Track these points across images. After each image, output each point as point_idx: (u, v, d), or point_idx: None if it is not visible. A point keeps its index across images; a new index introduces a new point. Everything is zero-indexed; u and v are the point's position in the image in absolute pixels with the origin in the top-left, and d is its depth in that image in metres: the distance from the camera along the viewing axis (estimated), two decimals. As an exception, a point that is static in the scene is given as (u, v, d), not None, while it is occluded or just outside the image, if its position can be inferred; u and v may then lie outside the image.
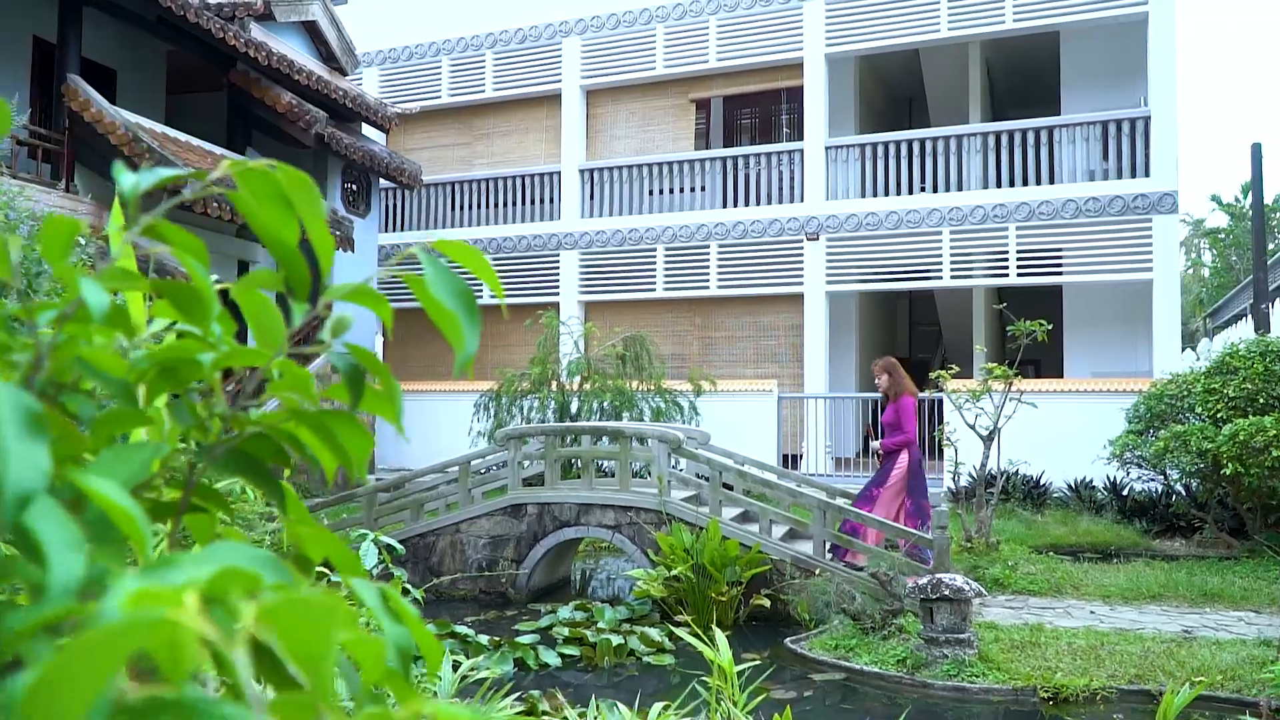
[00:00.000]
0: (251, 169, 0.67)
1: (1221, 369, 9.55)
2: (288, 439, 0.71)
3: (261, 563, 0.59)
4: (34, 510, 0.47)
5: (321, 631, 0.39)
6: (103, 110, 11.13)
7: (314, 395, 0.70)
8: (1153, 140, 12.86)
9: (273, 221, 0.67)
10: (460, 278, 0.70)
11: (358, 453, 0.71)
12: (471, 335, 0.68)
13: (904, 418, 8.19)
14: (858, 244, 14.19)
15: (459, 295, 0.66)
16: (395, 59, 17.33)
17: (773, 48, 14.87)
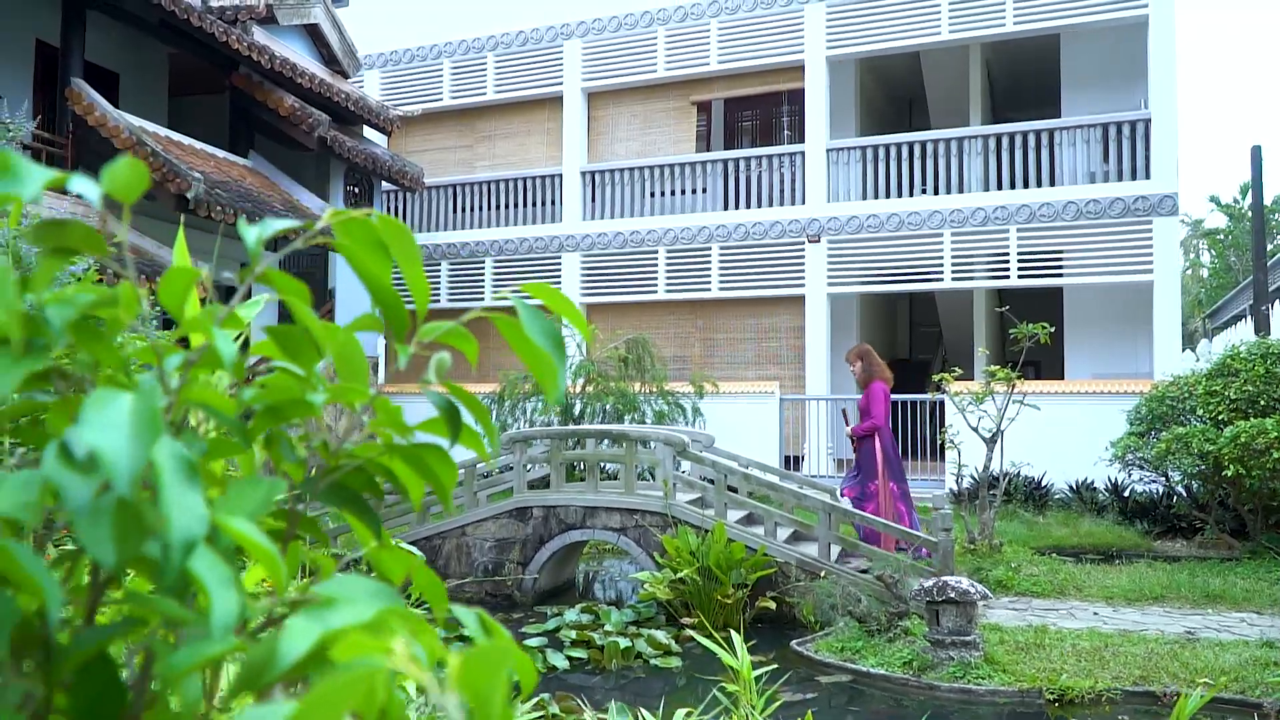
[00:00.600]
0: (352, 219, 0.71)
1: (1222, 371, 9.60)
2: (383, 471, 0.74)
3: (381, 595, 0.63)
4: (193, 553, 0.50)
5: (495, 675, 0.43)
6: (106, 114, 11.16)
7: (407, 430, 0.73)
8: (1153, 143, 12.91)
9: (372, 267, 0.71)
10: (552, 322, 0.73)
11: (448, 482, 0.75)
12: (562, 377, 0.71)
13: (873, 403, 8.46)
14: (859, 246, 14.24)
15: (551, 339, 0.70)
16: (396, 61, 17.36)
17: (774, 50, 14.91)
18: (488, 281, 16.40)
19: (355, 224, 0.71)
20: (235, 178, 12.71)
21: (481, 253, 16.43)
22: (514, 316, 0.77)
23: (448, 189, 16.92)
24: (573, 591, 9.37)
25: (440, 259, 16.73)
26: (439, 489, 0.74)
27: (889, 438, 8.64)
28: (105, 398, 0.48)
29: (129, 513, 0.50)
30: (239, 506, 0.62)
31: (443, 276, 16.71)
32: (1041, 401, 11.02)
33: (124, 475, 0.46)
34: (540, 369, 0.70)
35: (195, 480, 0.51)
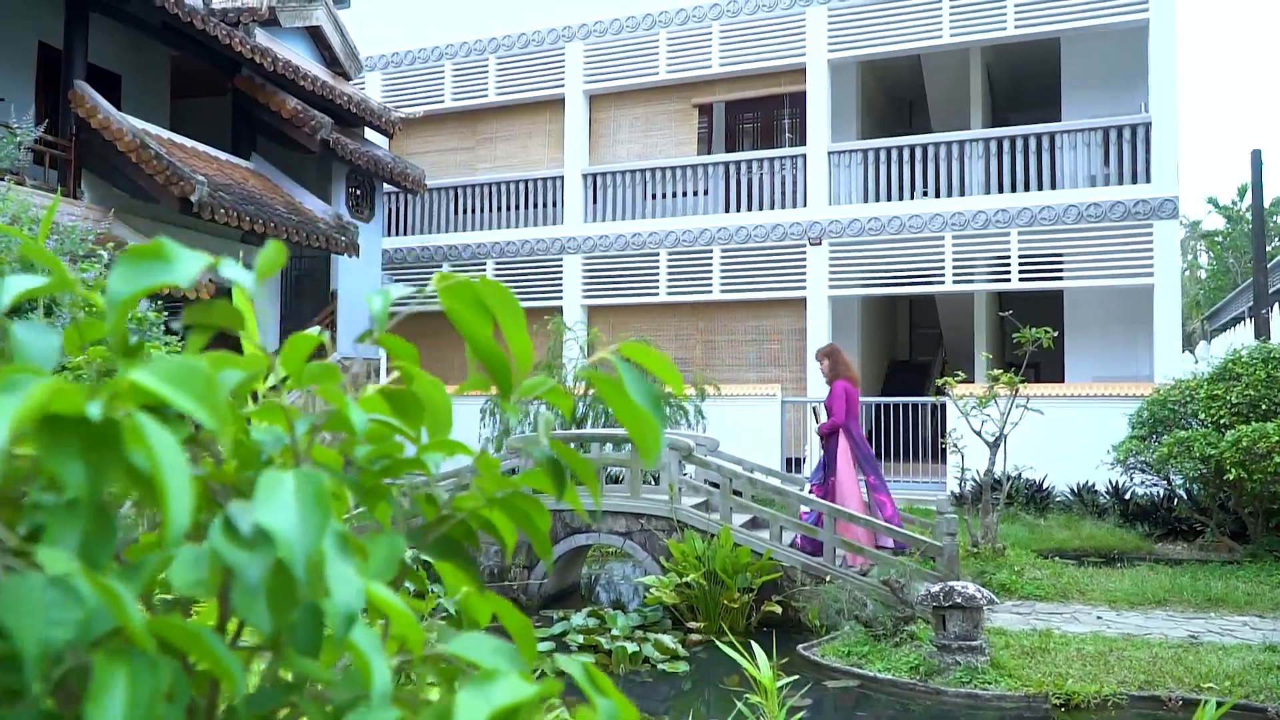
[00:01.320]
0: (457, 284, 0.73)
1: (1224, 375, 9.65)
2: (483, 523, 0.77)
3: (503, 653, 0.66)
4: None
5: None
6: (110, 117, 11.16)
7: (512, 483, 0.76)
8: (1154, 146, 12.96)
9: (475, 327, 0.73)
10: (652, 384, 0.75)
11: (543, 527, 0.78)
12: (661, 436, 0.74)
13: (834, 402, 8.72)
14: (860, 249, 14.27)
15: (651, 399, 0.72)
16: (398, 63, 17.37)
17: (775, 53, 14.94)
18: (489, 283, 16.39)
19: (459, 288, 0.73)
20: (238, 180, 12.71)
21: (483, 255, 16.45)
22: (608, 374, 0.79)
23: (449, 191, 16.94)
24: (577, 595, 9.40)
25: (441, 261, 16.75)
26: (538, 538, 0.77)
27: (857, 432, 8.93)
28: (274, 479, 0.50)
29: (286, 584, 0.52)
30: (372, 568, 0.65)
31: (444, 278, 16.70)
32: (1042, 404, 11.05)
33: (300, 556, 0.48)
34: (640, 430, 0.73)
35: (349, 552, 0.54)
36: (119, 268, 0.55)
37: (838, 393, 8.81)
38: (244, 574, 0.49)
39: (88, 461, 0.43)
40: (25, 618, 0.42)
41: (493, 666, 0.65)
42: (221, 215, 11.24)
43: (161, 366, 0.46)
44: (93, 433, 0.43)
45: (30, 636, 0.41)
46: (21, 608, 0.42)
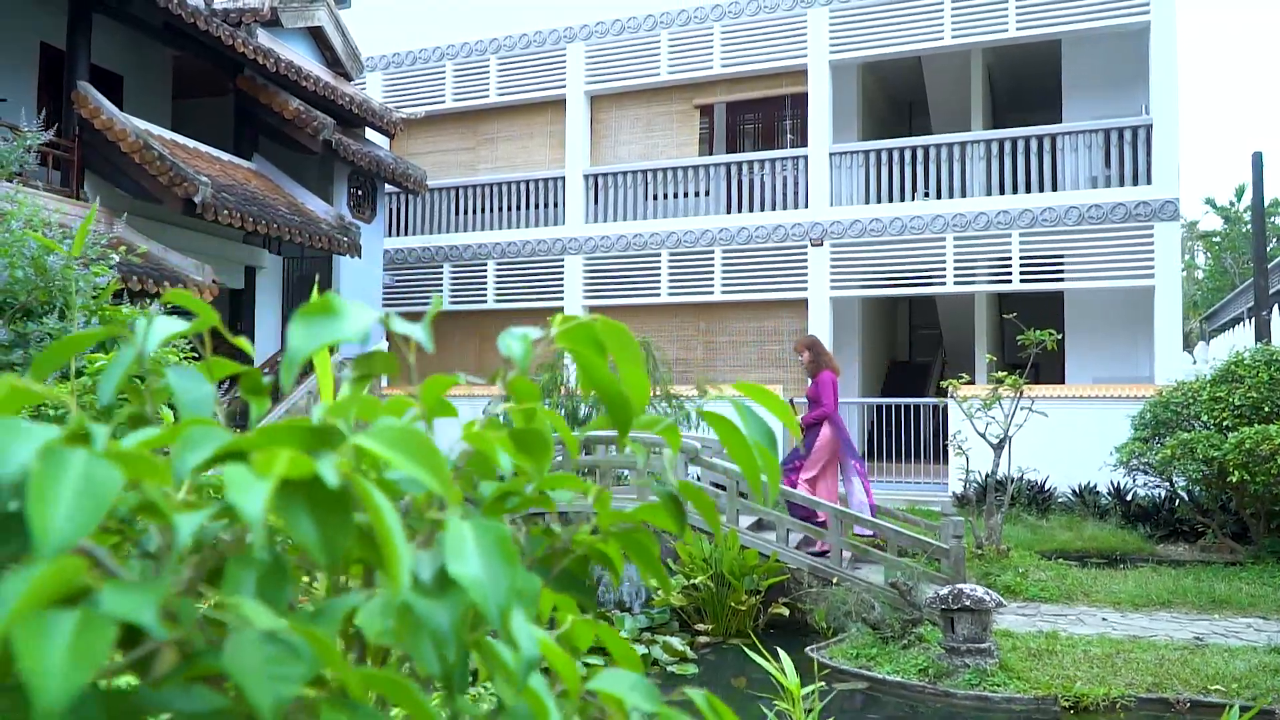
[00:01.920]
0: (577, 326, 0.75)
1: (1227, 377, 9.69)
2: (599, 556, 0.79)
3: (642, 689, 0.67)
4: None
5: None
6: (113, 118, 11.15)
7: (630, 517, 0.78)
8: (1154, 148, 13.01)
9: (594, 365, 0.75)
10: (766, 422, 0.77)
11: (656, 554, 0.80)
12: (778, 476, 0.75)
13: (823, 392, 8.84)
14: (862, 250, 14.30)
15: (766, 437, 0.74)
16: (399, 63, 17.37)
17: (777, 54, 14.96)
18: (490, 284, 16.42)
19: (578, 329, 0.75)
20: (240, 181, 12.71)
21: (484, 255, 16.45)
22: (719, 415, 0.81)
23: (450, 191, 16.94)
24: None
25: (442, 261, 16.75)
26: (654, 569, 0.79)
27: (841, 422, 9.09)
28: (459, 530, 0.52)
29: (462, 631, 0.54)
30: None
31: (445, 279, 16.73)
32: (1043, 405, 11.09)
33: (494, 607, 0.50)
34: (754, 470, 0.74)
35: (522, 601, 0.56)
36: (296, 326, 0.56)
37: (826, 382, 8.95)
38: (434, 622, 0.51)
39: (319, 523, 0.44)
40: (254, 673, 0.44)
41: (634, 703, 0.67)
42: (225, 216, 11.24)
43: (385, 433, 0.47)
44: (325, 496, 0.44)
45: (263, 692, 0.43)
46: (248, 663, 0.44)
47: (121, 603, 0.40)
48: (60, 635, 0.38)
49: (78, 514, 0.42)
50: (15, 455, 0.44)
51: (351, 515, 0.46)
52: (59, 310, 5.45)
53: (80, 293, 5.60)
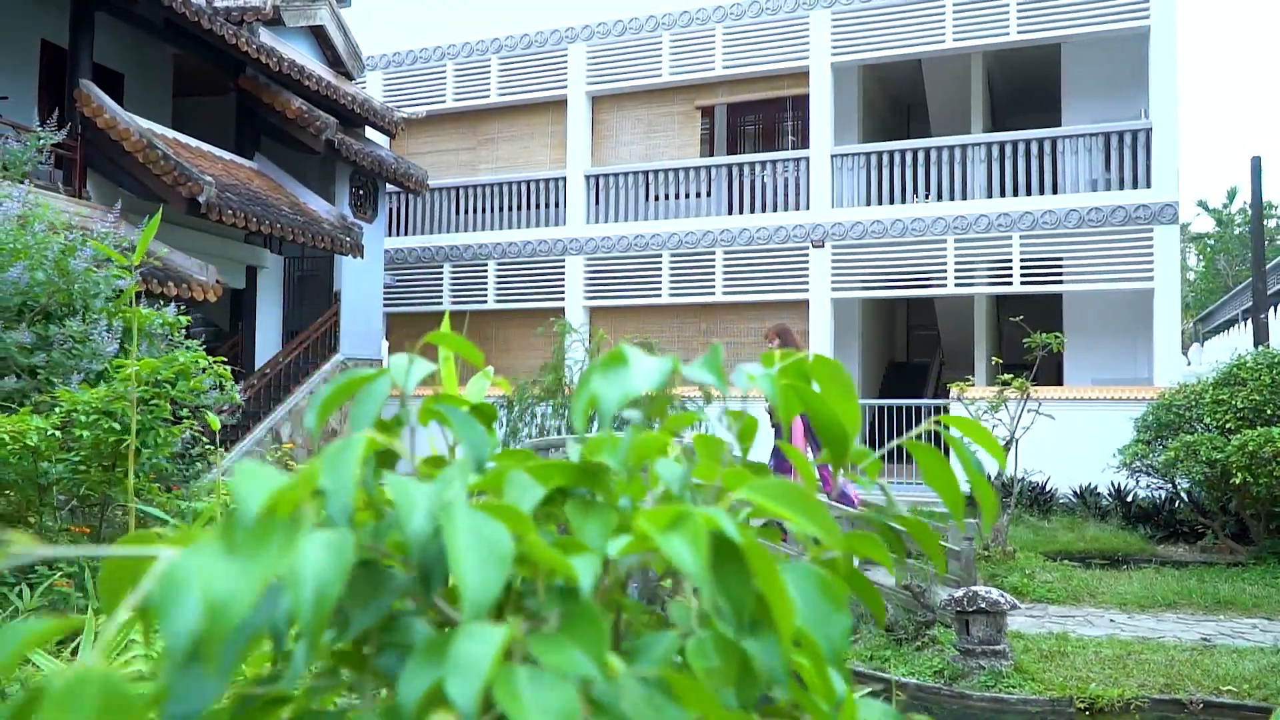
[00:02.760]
0: (792, 363, 0.77)
1: (1229, 380, 9.77)
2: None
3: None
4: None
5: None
6: (116, 116, 11.11)
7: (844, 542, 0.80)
8: (1154, 152, 13.09)
9: (811, 399, 0.77)
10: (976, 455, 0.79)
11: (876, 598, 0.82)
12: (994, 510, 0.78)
13: None
14: (863, 251, 14.35)
15: (979, 471, 0.76)
16: (399, 63, 17.34)
17: (778, 56, 14.99)
18: (491, 284, 16.42)
19: (793, 367, 0.77)
20: (243, 180, 12.68)
21: (484, 255, 16.45)
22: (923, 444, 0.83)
23: (450, 191, 16.93)
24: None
25: (443, 261, 16.73)
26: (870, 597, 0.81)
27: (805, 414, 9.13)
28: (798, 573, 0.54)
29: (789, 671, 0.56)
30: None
31: (445, 279, 16.72)
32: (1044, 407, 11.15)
33: (828, 648, 0.52)
34: (957, 501, 0.76)
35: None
36: (600, 379, 0.58)
37: None
38: (765, 660, 0.53)
39: (726, 578, 0.46)
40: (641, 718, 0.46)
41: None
42: (229, 216, 11.21)
43: (767, 487, 0.49)
44: (728, 550, 0.46)
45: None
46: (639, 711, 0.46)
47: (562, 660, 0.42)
48: (535, 690, 0.40)
49: (488, 572, 0.44)
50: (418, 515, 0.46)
51: (749, 569, 0.48)
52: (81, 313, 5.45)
53: (99, 295, 5.60)
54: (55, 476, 4.22)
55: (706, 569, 0.44)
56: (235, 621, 0.38)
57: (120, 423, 4.12)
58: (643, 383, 0.59)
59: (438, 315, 17.00)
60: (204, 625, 0.40)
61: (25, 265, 5.23)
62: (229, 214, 11.17)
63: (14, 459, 3.98)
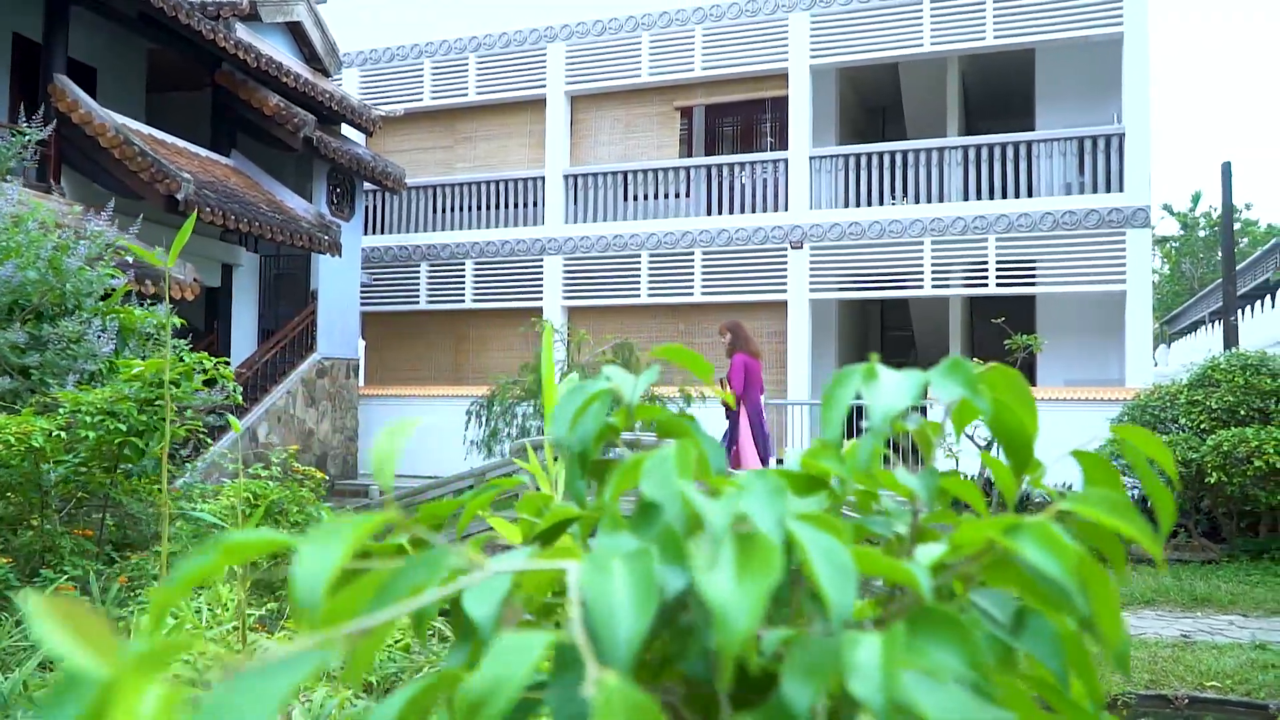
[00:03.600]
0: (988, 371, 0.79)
1: (1203, 381, 9.96)
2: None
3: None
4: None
5: None
6: (91, 111, 10.95)
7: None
8: (1126, 157, 13.31)
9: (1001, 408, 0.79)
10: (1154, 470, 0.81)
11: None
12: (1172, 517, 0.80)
13: (732, 375, 9.26)
14: (841, 253, 14.46)
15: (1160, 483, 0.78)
16: (376, 60, 17.22)
17: (757, 58, 15.07)
18: (468, 283, 16.35)
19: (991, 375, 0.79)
20: (219, 177, 12.54)
21: (462, 254, 16.38)
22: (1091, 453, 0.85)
23: (428, 190, 16.84)
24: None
25: (420, 260, 16.64)
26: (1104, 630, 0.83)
27: (753, 406, 9.45)
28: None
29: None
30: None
31: (422, 278, 16.63)
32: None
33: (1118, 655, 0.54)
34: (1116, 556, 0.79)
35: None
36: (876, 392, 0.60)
37: (736, 365, 9.39)
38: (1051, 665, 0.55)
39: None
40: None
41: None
42: (207, 214, 11.08)
43: (1098, 499, 0.51)
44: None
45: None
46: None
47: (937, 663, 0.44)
48: (928, 692, 0.42)
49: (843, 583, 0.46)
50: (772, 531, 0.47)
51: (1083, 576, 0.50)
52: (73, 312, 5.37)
53: (91, 294, 5.52)
54: (57, 478, 4.16)
55: (1075, 576, 0.46)
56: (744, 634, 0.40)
57: (125, 423, 4.07)
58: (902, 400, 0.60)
59: (414, 315, 16.91)
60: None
61: (17, 264, 5.15)
62: (207, 212, 11.04)
63: (16, 461, 3.92)
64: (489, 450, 12.28)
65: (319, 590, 0.36)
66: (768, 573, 0.41)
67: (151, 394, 4.20)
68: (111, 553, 4.32)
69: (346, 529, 0.39)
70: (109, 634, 0.30)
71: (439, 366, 16.71)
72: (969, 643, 0.45)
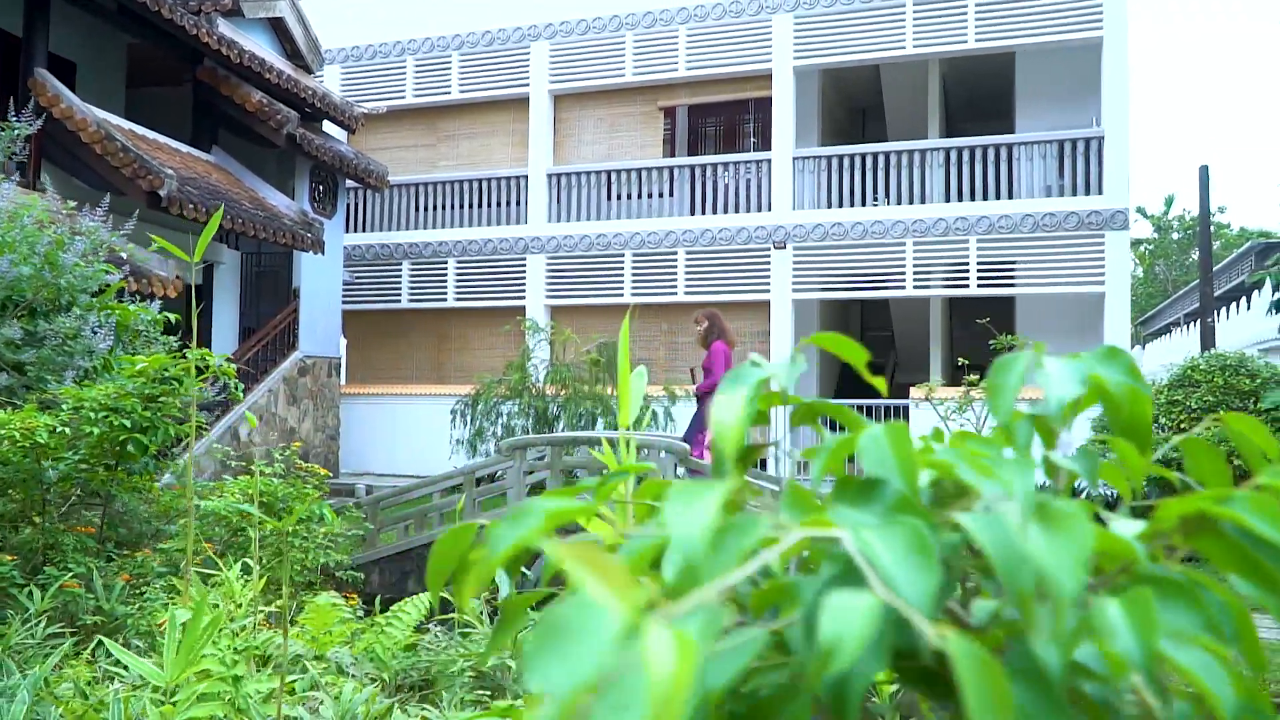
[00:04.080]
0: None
1: (1183, 382, 10.11)
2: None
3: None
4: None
5: None
6: (73, 106, 10.83)
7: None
8: (1106, 159, 13.47)
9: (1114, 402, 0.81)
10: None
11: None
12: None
13: (714, 362, 9.30)
14: (824, 253, 14.55)
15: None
16: (358, 57, 17.13)
17: (741, 59, 15.13)
18: (450, 282, 16.30)
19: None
20: (201, 174, 12.43)
21: (444, 253, 16.32)
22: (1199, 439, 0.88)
23: (410, 188, 16.77)
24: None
25: (401, 259, 16.57)
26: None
27: None
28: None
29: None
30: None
31: (404, 277, 16.56)
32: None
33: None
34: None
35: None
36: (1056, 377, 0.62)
37: (718, 352, 9.44)
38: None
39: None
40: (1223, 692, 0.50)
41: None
42: (190, 211, 10.98)
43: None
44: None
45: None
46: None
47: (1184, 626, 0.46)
48: (1187, 653, 0.44)
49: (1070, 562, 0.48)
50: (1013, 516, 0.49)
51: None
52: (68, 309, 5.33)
53: (85, 290, 5.47)
54: (59, 475, 4.12)
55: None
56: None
57: (129, 419, 4.03)
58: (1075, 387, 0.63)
59: (396, 313, 16.84)
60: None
61: (11, 259, 5.10)
62: (190, 208, 10.94)
63: (18, 457, 3.88)
64: (474, 449, 12.26)
65: (697, 543, 0.38)
66: (1082, 536, 0.44)
67: (156, 390, 4.17)
68: (112, 550, 4.28)
69: (708, 492, 0.41)
70: (629, 576, 0.31)
71: (421, 365, 16.65)
72: (1202, 606, 0.47)
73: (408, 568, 8.69)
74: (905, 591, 0.41)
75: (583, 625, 0.30)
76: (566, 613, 0.31)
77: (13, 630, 3.30)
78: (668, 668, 0.31)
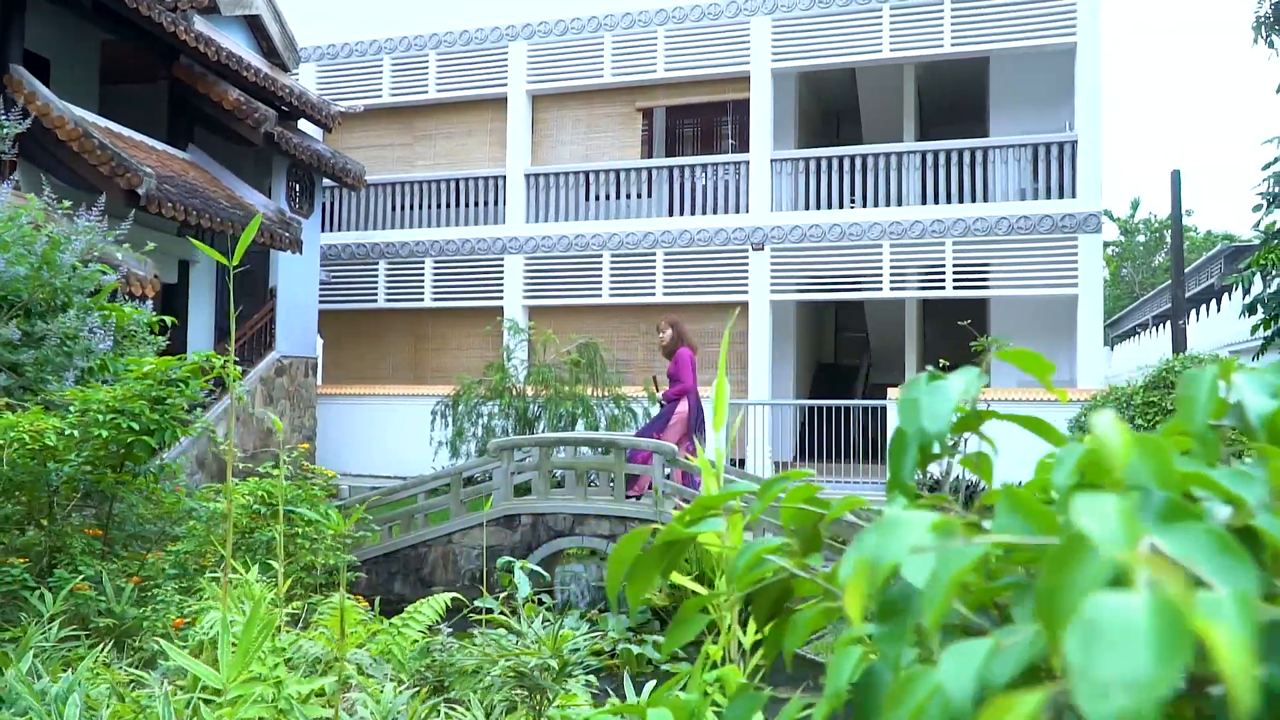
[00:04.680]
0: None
1: (1159, 383, 10.31)
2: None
3: None
4: None
5: None
6: (49, 103, 10.68)
7: None
8: (1079, 163, 13.71)
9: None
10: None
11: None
12: None
13: (681, 369, 9.40)
14: (801, 255, 14.67)
15: None
16: (334, 56, 17.02)
17: (719, 61, 15.21)
18: (427, 282, 16.24)
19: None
20: (178, 172, 12.30)
21: (421, 253, 16.26)
22: None
23: (387, 187, 16.69)
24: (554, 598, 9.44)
25: (378, 258, 16.49)
26: None
27: (696, 400, 9.76)
28: None
29: None
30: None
31: (380, 276, 16.48)
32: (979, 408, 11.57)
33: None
34: None
35: None
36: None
37: (684, 359, 9.52)
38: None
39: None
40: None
41: None
42: (169, 209, 10.87)
43: None
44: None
45: None
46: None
47: None
48: None
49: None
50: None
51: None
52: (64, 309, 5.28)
53: (82, 291, 5.43)
54: (65, 477, 4.09)
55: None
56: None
57: (137, 421, 4.01)
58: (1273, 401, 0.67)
59: (373, 313, 16.75)
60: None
61: (7, 259, 5.04)
62: (168, 207, 10.84)
63: (26, 460, 3.85)
64: (454, 450, 12.23)
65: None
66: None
67: (162, 392, 4.15)
68: (119, 551, 4.26)
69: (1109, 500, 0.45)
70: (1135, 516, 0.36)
71: (398, 366, 16.58)
72: None
73: (394, 568, 8.67)
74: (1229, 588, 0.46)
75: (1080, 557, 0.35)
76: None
77: (29, 634, 3.28)
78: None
